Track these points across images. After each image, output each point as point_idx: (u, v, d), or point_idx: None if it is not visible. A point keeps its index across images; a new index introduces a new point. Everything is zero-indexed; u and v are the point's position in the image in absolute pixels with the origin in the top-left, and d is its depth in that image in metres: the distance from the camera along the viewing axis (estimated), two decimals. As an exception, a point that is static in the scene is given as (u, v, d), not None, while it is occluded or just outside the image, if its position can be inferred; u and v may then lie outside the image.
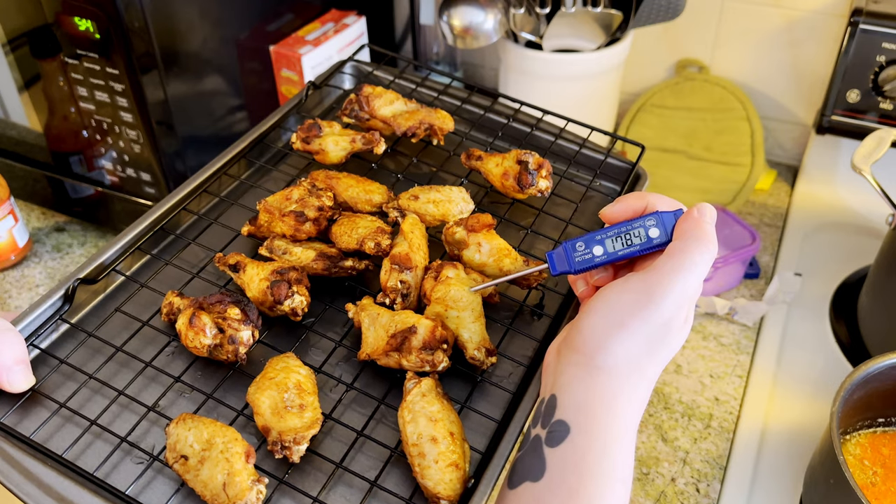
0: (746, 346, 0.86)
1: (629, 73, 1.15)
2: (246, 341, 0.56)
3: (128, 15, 0.76)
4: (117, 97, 0.83)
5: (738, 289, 0.94)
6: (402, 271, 0.60)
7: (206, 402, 0.55)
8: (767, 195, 1.10)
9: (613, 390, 0.46)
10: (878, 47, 0.92)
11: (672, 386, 0.82)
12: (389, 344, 0.55)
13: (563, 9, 0.98)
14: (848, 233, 1.01)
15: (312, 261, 0.62)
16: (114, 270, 0.63)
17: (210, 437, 0.50)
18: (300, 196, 0.65)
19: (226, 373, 0.58)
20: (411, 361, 0.55)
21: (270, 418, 0.52)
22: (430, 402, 0.52)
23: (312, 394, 0.54)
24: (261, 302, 0.60)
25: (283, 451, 0.51)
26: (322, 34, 0.97)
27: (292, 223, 0.64)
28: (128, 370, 0.58)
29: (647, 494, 0.72)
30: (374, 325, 0.58)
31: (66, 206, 1.01)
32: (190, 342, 0.57)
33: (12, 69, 0.90)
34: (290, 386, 0.53)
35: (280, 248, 0.64)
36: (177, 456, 0.50)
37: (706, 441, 0.76)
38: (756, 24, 1.07)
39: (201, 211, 0.71)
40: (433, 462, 0.49)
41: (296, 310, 0.59)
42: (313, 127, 0.73)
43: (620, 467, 0.45)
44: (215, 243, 0.67)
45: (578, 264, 0.52)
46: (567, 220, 0.70)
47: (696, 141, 1.09)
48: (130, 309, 0.61)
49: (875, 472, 0.68)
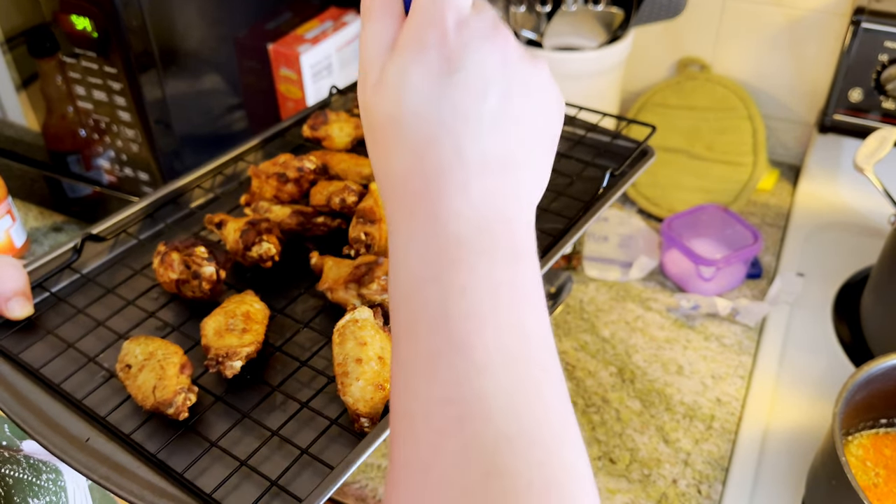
0: (748, 347, 0.86)
1: (630, 71, 1.15)
2: (209, 277, 0.60)
3: (126, 14, 0.76)
4: (115, 96, 0.82)
5: (740, 289, 0.93)
6: (366, 223, 0.62)
7: (171, 332, 0.61)
8: (769, 195, 1.09)
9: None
10: (881, 46, 0.92)
11: (674, 387, 0.81)
12: (353, 274, 0.57)
13: (563, 7, 0.98)
14: (850, 233, 1.00)
15: (288, 216, 0.67)
16: (124, 232, 0.71)
17: (153, 350, 0.54)
18: (285, 160, 0.71)
19: (194, 311, 0.63)
20: (372, 289, 0.56)
21: (211, 338, 0.55)
22: (363, 327, 0.53)
23: (260, 323, 0.57)
24: (235, 251, 0.64)
25: (217, 366, 0.53)
26: (321, 32, 0.97)
27: (275, 184, 0.69)
28: (115, 309, 0.64)
29: (648, 496, 0.71)
30: (336, 266, 0.61)
31: (63, 206, 1.01)
32: (161, 277, 0.62)
33: (10, 68, 0.89)
34: (238, 314, 0.57)
35: (263, 207, 0.69)
36: (122, 366, 0.54)
37: (708, 442, 0.76)
38: (758, 22, 1.07)
39: (215, 187, 0.77)
40: (355, 380, 0.50)
41: (264, 255, 0.63)
42: (320, 115, 0.79)
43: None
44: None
45: None
46: (559, 192, 0.72)
47: (697, 140, 1.08)
48: (131, 262, 0.69)
49: (877, 474, 0.67)
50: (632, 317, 0.89)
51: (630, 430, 0.77)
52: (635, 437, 0.76)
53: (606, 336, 0.87)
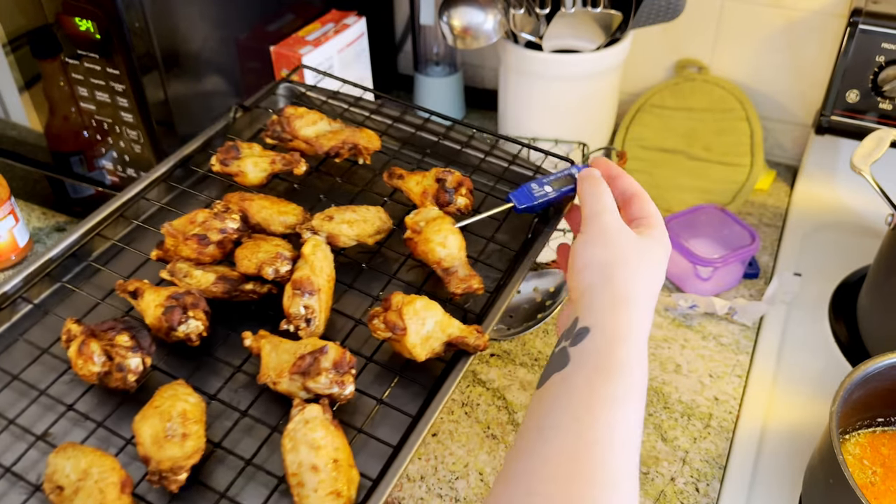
0: (746, 346, 0.86)
1: (629, 73, 1.15)
2: (135, 369, 0.55)
3: (128, 15, 0.76)
4: (118, 97, 0.83)
5: (738, 289, 0.94)
6: (304, 295, 0.58)
7: (96, 430, 0.55)
8: (767, 195, 1.10)
9: (624, 299, 0.53)
10: (878, 47, 0.92)
11: (671, 385, 0.82)
12: (297, 365, 0.53)
13: (562, 9, 0.98)
14: (847, 233, 1.01)
15: (212, 284, 0.61)
16: (21, 298, 0.63)
17: (87, 467, 0.49)
18: (204, 219, 0.64)
19: (121, 400, 0.57)
20: (319, 382, 0.52)
21: (150, 447, 0.51)
22: (314, 428, 0.50)
23: (198, 422, 0.52)
24: (157, 328, 0.58)
25: (161, 481, 0.49)
26: (322, 34, 0.97)
27: (195, 246, 0.63)
28: (25, 399, 0.57)
29: (646, 494, 0.72)
30: (276, 351, 0.56)
31: (66, 207, 1.02)
32: (80, 370, 0.55)
33: (13, 69, 0.90)
34: (174, 415, 0.52)
35: (182, 271, 0.63)
36: (53, 486, 0.49)
37: (706, 441, 0.76)
38: (756, 24, 1.07)
39: (118, 237, 0.70)
40: (312, 491, 0.48)
41: (191, 336, 0.58)
42: (231, 149, 0.72)
43: (636, 358, 0.50)
44: (127, 269, 0.67)
45: (538, 198, 0.66)
46: (488, 238, 0.69)
47: (695, 141, 1.09)
48: (34, 336, 0.61)
49: (874, 472, 0.68)
50: (630, 316, 0.90)
51: (629, 428, 0.77)
52: (634, 435, 0.77)
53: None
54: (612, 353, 0.50)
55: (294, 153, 0.73)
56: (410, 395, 0.58)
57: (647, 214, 0.59)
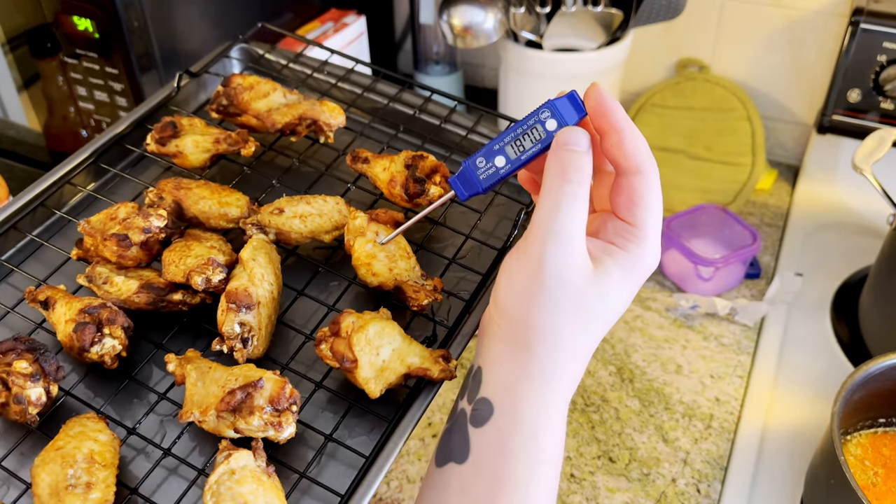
0: (747, 347, 0.86)
1: (629, 72, 1.15)
2: (35, 400, 0.46)
3: (127, 14, 0.76)
4: (116, 97, 0.83)
5: (739, 289, 0.93)
6: (240, 311, 0.49)
7: None
8: (768, 195, 1.09)
9: (539, 370, 0.43)
10: (879, 47, 0.92)
11: (672, 386, 0.82)
12: (225, 402, 0.44)
13: (563, 8, 0.98)
14: (849, 233, 1.01)
15: (135, 293, 0.51)
16: None
17: None
18: (126, 215, 0.54)
19: (23, 435, 0.48)
20: (251, 424, 0.44)
21: (47, 500, 0.42)
22: (241, 480, 0.42)
23: (107, 467, 0.44)
24: (69, 347, 0.50)
25: None
26: (321, 33, 0.97)
27: (115, 248, 0.53)
28: None
29: (647, 495, 0.71)
30: (203, 380, 0.47)
31: (65, 206, 1.01)
32: None
33: (11, 69, 0.90)
34: (78, 458, 0.43)
35: (101, 276, 0.53)
36: None
37: (707, 441, 0.76)
38: (757, 23, 1.07)
39: (35, 231, 0.60)
40: None
41: (105, 357, 0.49)
42: (168, 126, 0.61)
43: (548, 448, 0.43)
44: (45, 271, 0.57)
45: (485, 181, 0.46)
46: (466, 235, 0.59)
47: (696, 141, 1.09)
48: None
49: (876, 473, 0.68)
50: (631, 316, 0.90)
51: (629, 429, 0.77)
52: (634, 436, 0.77)
53: (605, 335, 0.87)
54: (517, 452, 0.42)
55: (242, 131, 0.62)
56: (366, 428, 0.49)
57: (641, 224, 0.45)
